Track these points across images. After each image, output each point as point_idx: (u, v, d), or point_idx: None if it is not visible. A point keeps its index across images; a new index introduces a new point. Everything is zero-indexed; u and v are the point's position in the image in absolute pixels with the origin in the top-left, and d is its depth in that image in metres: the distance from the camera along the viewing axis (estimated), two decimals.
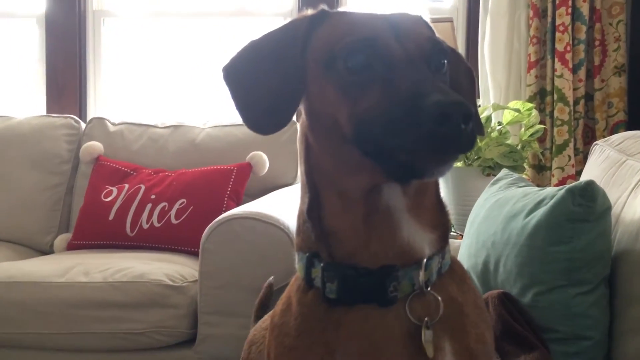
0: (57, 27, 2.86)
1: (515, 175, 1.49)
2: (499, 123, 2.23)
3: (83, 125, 2.60)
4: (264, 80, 0.57)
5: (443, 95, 0.47)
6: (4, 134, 2.52)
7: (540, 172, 2.42)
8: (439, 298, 0.56)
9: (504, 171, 1.52)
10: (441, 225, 0.59)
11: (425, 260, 0.55)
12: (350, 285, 0.55)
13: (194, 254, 2.05)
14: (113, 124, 2.56)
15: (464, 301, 0.59)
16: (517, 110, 2.17)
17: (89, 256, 2.03)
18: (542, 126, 2.23)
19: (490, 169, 2.12)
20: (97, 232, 2.23)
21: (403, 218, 0.55)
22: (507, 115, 2.21)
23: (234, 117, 2.58)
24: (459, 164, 2.24)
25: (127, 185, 2.27)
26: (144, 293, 1.74)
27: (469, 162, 2.20)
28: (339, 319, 0.55)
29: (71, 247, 2.27)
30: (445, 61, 0.55)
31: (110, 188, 2.29)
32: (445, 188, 2.24)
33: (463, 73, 0.61)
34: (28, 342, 1.79)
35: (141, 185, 2.26)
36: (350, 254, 0.55)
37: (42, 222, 2.42)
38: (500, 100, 2.43)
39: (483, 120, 2.15)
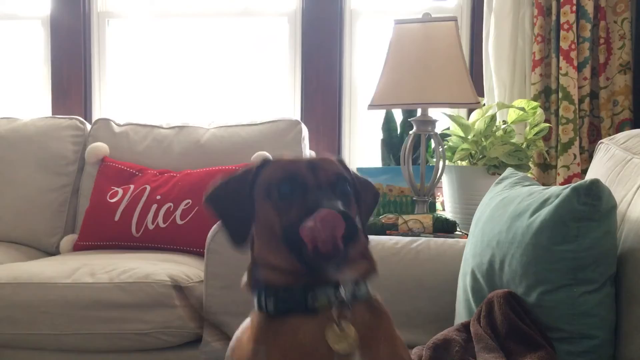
0: (62, 29, 2.88)
1: (520, 174, 1.49)
2: (504, 122, 2.23)
3: (88, 126, 2.61)
4: (230, 207, 0.83)
5: (331, 205, 0.74)
6: (10, 136, 2.53)
7: (546, 171, 2.42)
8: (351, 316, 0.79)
9: (509, 170, 1.52)
10: (359, 269, 0.82)
11: (340, 282, 0.79)
12: (278, 299, 0.80)
13: (199, 254, 2.06)
14: (118, 125, 2.57)
15: (377, 326, 0.80)
16: (522, 109, 2.16)
17: (95, 257, 2.04)
18: (547, 124, 2.23)
19: (495, 168, 2.12)
20: (103, 233, 2.24)
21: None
22: (512, 114, 2.20)
23: (239, 117, 2.59)
24: (464, 163, 2.24)
25: (132, 186, 2.28)
26: (149, 294, 1.75)
27: (474, 162, 2.19)
28: (277, 328, 0.79)
29: (77, 247, 2.28)
30: (348, 187, 0.81)
31: (116, 189, 2.29)
32: (450, 187, 2.24)
33: (371, 194, 0.90)
34: (35, 343, 1.79)
35: (146, 186, 2.26)
36: (282, 280, 0.80)
37: (48, 223, 2.43)
38: (505, 99, 2.42)
39: (488, 120, 2.15)
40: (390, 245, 1.65)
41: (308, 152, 2.56)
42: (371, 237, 1.70)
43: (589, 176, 1.42)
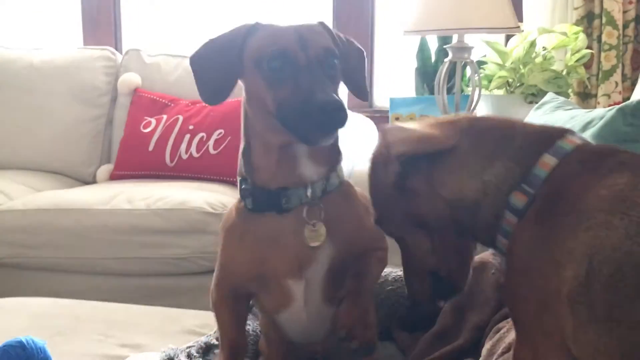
0: None
1: (561, 98, 1.44)
2: (544, 48, 2.15)
3: (119, 57, 2.60)
4: (213, 69, 0.84)
5: (326, 95, 0.76)
6: (42, 67, 2.54)
7: (585, 100, 2.34)
8: (322, 207, 0.85)
9: (549, 95, 1.48)
10: (329, 161, 0.87)
11: (310, 184, 0.85)
12: (257, 200, 0.85)
13: (232, 183, 2.07)
14: (149, 56, 2.55)
15: (346, 207, 0.88)
16: (564, 34, 2.08)
17: (131, 185, 2.08)
18: (589, 51, 2.14)
19: (533, 96, 2.06)
20: (138, 163, 2.27)
21: (302, 160, 0.84)
22: (553, 40, 2.12)
23: None
24: (500, 91, 2.18)
25: (165, 116, 2.29)
26: (185, 220, 1.78)
27: (511, 90, 2.14)
28: (254, 220, 0.86)
29: (113, 177, 2.32)
30: (336, 60, 0.83)
31: (149, 119, 2.31)
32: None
33: (355, 55, 0.91)
34: (77, 267, 1.86)
35: (179, 116, 2.27)
36: (264, 181, 0.85)
37: (84, 154, 2.47)
38: (545, 24, 2.32)
39: (527, 46, 2.07)
40: None
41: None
42: None
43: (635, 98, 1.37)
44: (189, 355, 0.99)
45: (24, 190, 2.17)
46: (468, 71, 2.19)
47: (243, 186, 0.87)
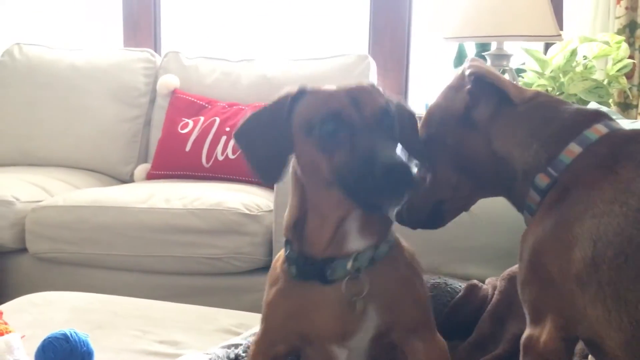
0: None
1: (605, 108, 1.42)
2: (585, 57, 2.12)
3: (159, 58, 2.65)
4: (262, 142, 0.78)
5: (389, 157, 0.69)
6: (84, 67, 2.60)
7: (626, 110, 2.30)
8: (367, 279, 0.79)
9: (592, 104, 1.45)
10: (380, 232, 0.82)
11: (354, 255, 0.79)
12: (302, 269, 0.81)
13: (267, 186, 2.09)
14: (188, 58, 2.59)
15: (393, 276, 0.82)
16: (606, 43, 2.04)
17: (168, 185, 2.11)
18: (631, 61, 2.10)
19: None
20: (175, 163, 2.30)
21: (353, 232, 0.80)
22: (594, 49, 2.09)
23: (306, 51, 2.56)
24: None
25: (202, 118, 2.32)
26: (221, 220, 1.80)
27: None
28: (299, 285, 0.82)
29: (150, 177, 2.36)
30: (393, 121, 0.77)
31: (187, 120, 2.34)
32: None
33: (407, 118, 0.84)
34: (114, 263, 1.90)
35: (216, 117, 2.30)
36: (311, 251, 0.81)
37: (123, 153, 2.52)
38: (586, 33, 2.29)
39: (568, 55, 2.05)
40: None
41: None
42: None
43: None
44: (237, 357, 1.00)
45: (63, 187, 2.23)
46: (507, 78, 2.16)
47: (289, 251, 0.83)
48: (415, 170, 0.83)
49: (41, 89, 2.59)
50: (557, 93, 2.07)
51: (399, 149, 0.81)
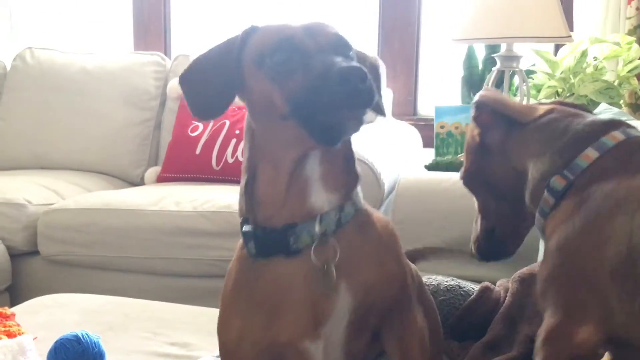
0: None
1: (615, 109, 1.41)
2: (595, 58, 2.11)
3: (169, 62, 2.66)
4: (209, 82, 0.73)
5: (344, 62, 0.64)
6: (95, 71, 2.62)
7: (637, 112, 2.28)
8: (336, 244, 0.71)
9: (603, 105, 1.45)
10: (344, 186, 0.74)
11: (319, 216, 0.72)
12: (261, 243, 0.72)
13: None
14: None
15: (364, 243, 0.74)
16: (617, 44, 2.03)
17: (178, 188, 2.12)
18: None
19: None
20: (185, 165, 2.31)
21: (314, 185, 0.72)
22: (605, 50, 2.08)
23: None
24: (549, 101, 2.15)
25: (212, 121, 2.33)
26: (231, 222, 1.80)
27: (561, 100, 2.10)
28: (259, 269, 0.73)
29: (160, 179, 2.37)
30: (351, 52, 0.72)
31: (197, 123, 2.35)
32: None
33: (369, 68, 0.72)
34: (125, 265, 1.91)
35: (226, 120, 2.31)
36: (268, 217, 0.72)
37: (133, 156, 2.54)
38: (596, 34, 2.28)
39: (578, 56, 2.04)
40: None
41: (384, 90, 2.53)
42: (453, 174, 1.66)
43: None
44: None
45: (74, 190, 2.24)
46: (516, 80, 2.15)
47: (244, 229, 0.75)
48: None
49: (52, 93, 2.61)
50: (568, 94, 2.06)
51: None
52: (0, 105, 2.67)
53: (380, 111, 0.76)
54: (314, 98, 0.65)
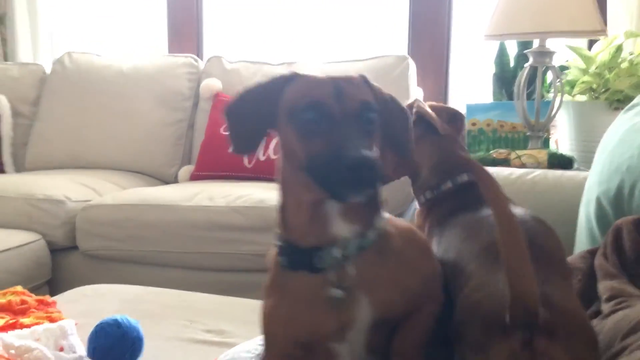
0: None
1: None
2: (631, 53, 2.08)
3: (201, 64, 2.71)
4: (248, 119, 0.81)
5: (357, 152, 0.72)
6: (131, 73, 2.69)
7: None
8: (352, 268, 0.80)
9: (638, 98, 1.42)
10: (365, 218, 0.82)
11: (341, 241, 0.80)
12: (289, 258, 0.82)
13: None
14: (230, 62, 2.65)
15: (384, 264, 0.82)
16: None
17: (212, 185, 2.16)
18: None
19: (619, 103, 1.99)
20: (217, 164, 2.35)
21: (334, 218, 0.80)
22: None
23: (345, 53, 2.58)
24: (583, 98, 2.12)
25: None
26: (263, 217, 1.83)
27: (595, 95, 2.07)
28: (290, 275, 0.82)
29: (194, 177, 2.41)
30: (373, 115, 0.79)
31: None
32: (567, 124, 2.14)
33: (396, 115, 0.85)
34: (161, 260, 1.95)
35: None
36: (296, 239, 0.82)
37: (167, 155, 2.59)
38: (631, 28, 2.24)
39: (613, 51, 2.01)
40: (505, 175, 1.61)
41: (415, 89, 2.53)
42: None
43: None
44: None
45: (111, 188, 2.30)
46: (548, 77, 2.13)
47: (277, 242, 0.85)
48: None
49: (90, 95, 2.68)
50: (603, 89, 2.03)
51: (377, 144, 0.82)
52: (40, 108, 2.76)
53: (406, 156, 0.87)
54: (327, 169, 0.73)
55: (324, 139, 0.75)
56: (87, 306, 1.33)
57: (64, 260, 2.07)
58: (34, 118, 2.76)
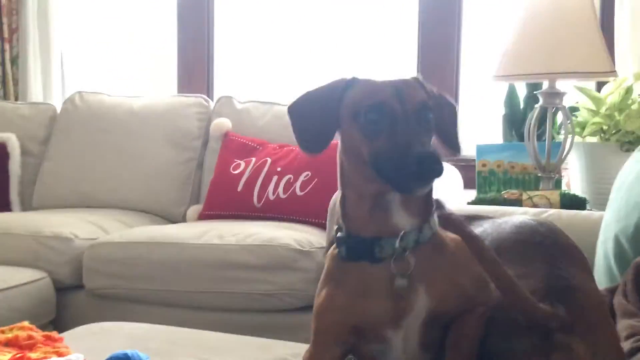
0: (189, 17, 3.03)
1: None
2: None
3: (212, 104, 2.73)
4: (311, 120, 0.87)
5: (422, 147, 0.79)
6: (141, 112, 2.71)
7: None
8: (413, 258, 0.85)
9: None
10: (422, 213, 0.87)
11: (402, 233, 0.85)
12: (350, 249, 0.87)
13: (317, 225, 2.10)
14: (240, 102, 2.67)
15: (439, 260, 0.87)
16: None
17: (221, 223, 2.14)
18: None
19: (630, 144, 1.99)
20: (227, 203, 2.34)
21: (395, 209, 0.85)
22: None
23: None
24: (594, 139, 2.12)
25: (254, 159, 2.37)
26: (274, 256, 1.81)
27: (606, 137, 2.07)
28: (349, 267, 0.87)
29: (202, 217, 2.40)
30: (430, 114, 0.85)
31: (239, 161, 2.39)
32: (578, 165, 2.13)
33: (447, 110, 0.92)
34: (168, 299, 1.92)
35: (267, 158, 2.34)
36: (357, 229, 0.87)
37: (176, 194, 2.58)
38: (637, 70, 2.26)
39: (623, 92, 2.02)
40: (519, 214, 1.59)
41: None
42: (497, 208, 1.65)
43: None
44: None
45: (118, 227, 2.28)
46: (558, 118, 2.14)
47: (338, 234, 0.89)
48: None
49: (99, 134, 2.70)
50: (614, 131, 2.03)
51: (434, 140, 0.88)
52: (50, 147, 2.77)
53: (456, 149, 0.92)
54: (393, 165, 0.79)
55: (388, 137, 0.81)
56: (94, 343, 1.30)
57: (70, 299, 2.04)
58: (43, 157, 2.77)
